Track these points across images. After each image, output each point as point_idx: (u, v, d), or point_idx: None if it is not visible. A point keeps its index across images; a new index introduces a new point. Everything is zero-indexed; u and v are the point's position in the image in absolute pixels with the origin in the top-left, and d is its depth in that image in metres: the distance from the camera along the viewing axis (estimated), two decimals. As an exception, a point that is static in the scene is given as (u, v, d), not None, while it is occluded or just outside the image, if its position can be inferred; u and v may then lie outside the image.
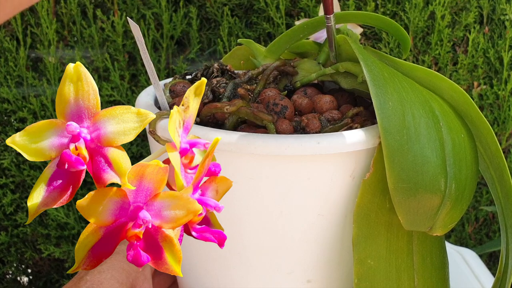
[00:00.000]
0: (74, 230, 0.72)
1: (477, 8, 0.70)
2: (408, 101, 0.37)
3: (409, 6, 0.68)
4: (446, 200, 0.37)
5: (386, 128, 0.36)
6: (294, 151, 0.35)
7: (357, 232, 0.39)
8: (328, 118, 0.40)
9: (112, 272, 0.43)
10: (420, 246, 0.41)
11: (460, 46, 0.72)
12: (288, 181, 0.37)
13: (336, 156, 0.37)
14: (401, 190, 0.36)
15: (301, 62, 0.46)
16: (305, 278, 0.41)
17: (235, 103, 0.38)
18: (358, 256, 0.39)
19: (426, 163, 0.36)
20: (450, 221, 0.38)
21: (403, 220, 0.37)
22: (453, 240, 0.77)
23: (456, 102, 0.42)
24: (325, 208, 0.39)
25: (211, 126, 0.39)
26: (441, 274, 0.42)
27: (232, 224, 0.39)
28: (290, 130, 0.39)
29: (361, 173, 0.38)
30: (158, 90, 0.38)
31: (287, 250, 0.40)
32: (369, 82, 0.36)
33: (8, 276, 0.77)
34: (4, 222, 0.72)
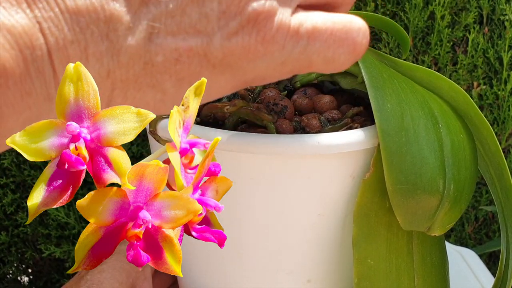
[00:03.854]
0: (74, 230, 0.72)
1: (477, 9, 0.70)
2: (407, 102, 0.37)
3: (409, 6, 0.68)
4: (445, 201, 0.37)
5: (385, 130, 0.36)
6: (294, 151, 0.35)
7: (357, 232, 0.39)
8: (328, 118, 0.41)
9: (112, 272, 0.43)
10: (420, 246, 0.41)
11: (459, 46, 0.72)
12: (288, 181, 0.37)
13: (336, 156, 0.37)
14: (400, 191, 0.36)
15: (301, 62, 0.46)
16: (305, 278, 0.41)
17: (235, 103, 0.38)
18: (358, 256, 0.39)
19: (425, 165, 0.36)
20: (449, 222, 0.38)
21: (401, 221, 0.37)
22: (453, 240, 0.77)
23: (456, 102, 0.42)
24: (325, 208, 0.39)
25: (212, 126, 0.39)
26: (441, 274, 0.42)
27: (232, 224, 0.39)
28: (290, 130, 0.39)
29: (361, 173, 0.38)
30: None
31: (287, 250, 0.40)
32: (368, 84, 0.37)
33: (9, 276, 0.77)
34: (5, 222, 0.72)
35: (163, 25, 0.26)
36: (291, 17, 0.28)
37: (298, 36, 0.28)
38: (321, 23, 0.28)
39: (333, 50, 0.29)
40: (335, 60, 0.29)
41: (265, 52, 0.28)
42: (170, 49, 0.27)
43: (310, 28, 0.28)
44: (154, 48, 0.27)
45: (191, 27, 0.27)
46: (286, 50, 0.28)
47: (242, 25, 0.27)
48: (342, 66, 0.30)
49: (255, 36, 0.27)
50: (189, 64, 0.27)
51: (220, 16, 0.27)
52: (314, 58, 0.29)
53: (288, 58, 0.28)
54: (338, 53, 0.29)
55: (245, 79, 0.29)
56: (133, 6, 0.26)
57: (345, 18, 0.29)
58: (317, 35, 0.28)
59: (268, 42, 0.27)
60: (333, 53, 0.29)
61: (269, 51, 0.28)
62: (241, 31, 0.27)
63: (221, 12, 0.27)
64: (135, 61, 0.27)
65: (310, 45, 0.28)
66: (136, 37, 0.26)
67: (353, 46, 0.29)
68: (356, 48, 0.29)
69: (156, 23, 0.26)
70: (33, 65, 0.25)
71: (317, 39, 0.28)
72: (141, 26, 0.26)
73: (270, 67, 0.29)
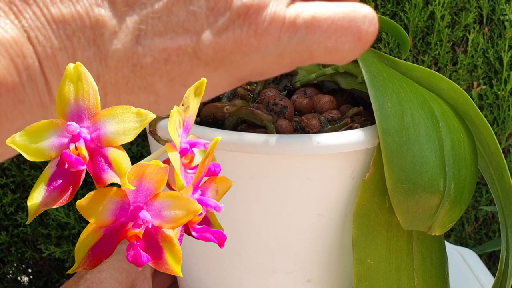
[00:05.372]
0: (74, 230, 0.72)
1: (477, 8, 0.70)
2: (407, 102, 0.37)
3: (408, 6, 0.68)
4: (445, 200, 0.37)
5: (385, 129, 0.36)
6: (294, 151, 0.35)
7: (357, 232, 0.39)
8: (328, 118, 0.41)
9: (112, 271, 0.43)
10: (420, 246, 0.41)
11: (459, 46, 0.72)
12: (288, 181, 0.37)
13: (336, 156, 0.37)
14: (400, 191, 0.36)
15: (301, 62, 0.46)
16: (305, 277, 0.41)
17: (235, 104, 0.38)
18: (358, 256, 0.39)
19: (425, 164, 0.36)
20: (449, 221, 0.38)
21: (401, 220, 0.37)
22: (453, 240, 0.77)
23: (456, 102, 0.42)
24: (325, 208, 0.39)
25: (212, 126, 0.39)
26: (441, 274, 0.42)
27: (232, 224, 0.39)
28: (290, 130, 0.39)
29: (361, 173, 0.38)
30: None
31: (287, 250, 0.40)
32: (368, 84, 0.37)
33: (9, 276, 0.77)
34: (5, 222, 0.72)
35: (150, 26, 0.26)
36: (286, 8, 0.27)
37: (295, 27, 0.27)
38: (321, 12, 0.28)
39: (335, 39, 0.28)
40: (339, 49, 0.28)
41: (258, 44, 0.27)
42: (158, 50, 0.27)
43: (308, 18, 0.28)
44: (142, 50, 0.26)
45: (179, 26, 0.26)
46: (282, 42, 0.27)
47: (232, 19, 0.27)
48: (348, 56, 0.29)
49: (246, 29, 0.27)
50: (179, 63, 0.27)
51: (209, 13, 0.27)
52: (315, 48, 0.28)
53: (285, 50, 0.28)
54: (341, 42, 0.28)
55: (240, 74, 0.29)
56: (119, 10, 0.26)
57: (348, 6, 0.29)
58: (317, 24, 0.28)
59: (261, 34, 0.27)
60: (336, 42, 0.28)
61: (263, 43, 0.27)
62: (231, 25, 0.27)
63: (209, 9, 0.26)
64: (123, 64, 0.27)
65: (309, 35, 0.28)
66: (123, 41, 0.26)
67: (358, 35, 0.28)
68: (361, 37, 0.28)
69: (142, 25, 0.26)
70: (25, 73, 0.25)
71: (316, 29, 0.28)
72: (127, 29, 0.26)
73: (267, 60, 0.28)
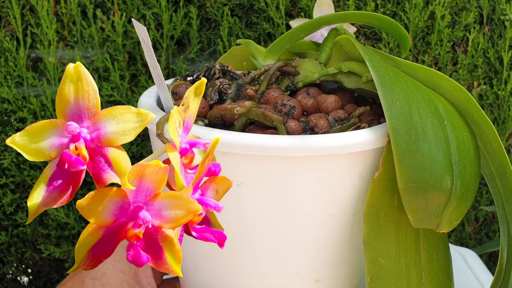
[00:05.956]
0: (74, 230, 0.72)
1: (477, 8, 0.70)
2: (414, 100, 0.37)
3: (409, 6, 0.68)
4: (453, 197, 0.37)
5: (395, 128, 0.36)
6: (305, 152, 0.35)
7: (368, 231, 0.39)
8: (335, 118, 0.41)
9: (114, 263, 0.44)
10: (427, 243, 0.41)
11: (460, 46, 0.72)
12: (298, 181, 0.37)
13: (345, 156, 0.37)
14: (411, 189, 0.36)
15: (302, 62, 0.46)
16: (314, 277, 0.41)
17: (245, 105, 0.38)
18: (370, 255, 0.39)
19: (434, 162, 0.36)
20: (456, 218, 0.39)
21: (412, 219, 0.37)
22: (453, 240, 0.77)
23: (457, 100, 0.42)
24: (335, 207, 0.39)
25: (219, 128, 0.39)
26: (446, 270, 0.43)
27: (242, 224, 0.39)
28: (299, 130, 0.39)
29: (370, 172, 0.38)
30: (165, 93, 0.38)
31: (296, 250, 0.40)
32: (377, 83, 0.37)
33: (8, 276, 0.77)
34: (4, 222, 0.72)
35: None
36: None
37: None
38: None
39: None
40: None
41: None
42: None
43: None
44: None
45: None
46: None
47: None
48: None
49: None
50: None
51: None
52: None
53: None
54: None
55: None
56: None
57: None
58: None
59: None
60: None
61: None
62: None
63: None
64: None
65: None
66: None
67: None
68: None
69: None
70: None
71: None
72: None
73: None
